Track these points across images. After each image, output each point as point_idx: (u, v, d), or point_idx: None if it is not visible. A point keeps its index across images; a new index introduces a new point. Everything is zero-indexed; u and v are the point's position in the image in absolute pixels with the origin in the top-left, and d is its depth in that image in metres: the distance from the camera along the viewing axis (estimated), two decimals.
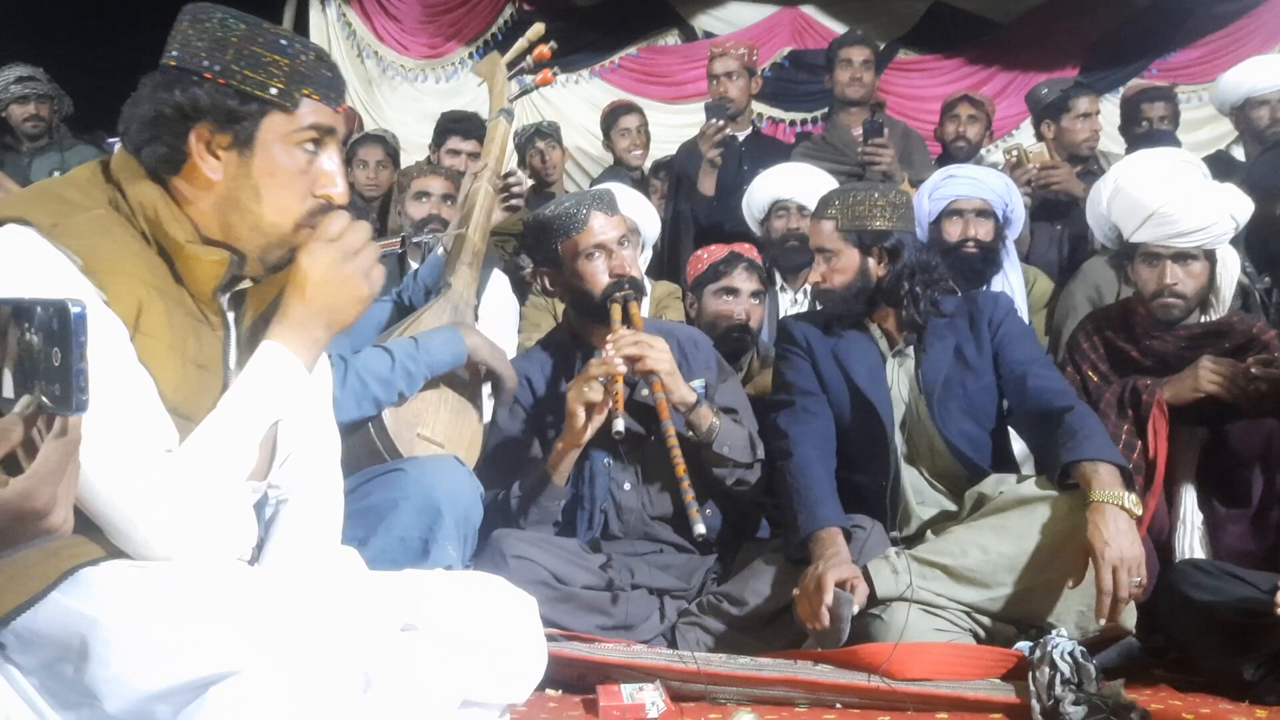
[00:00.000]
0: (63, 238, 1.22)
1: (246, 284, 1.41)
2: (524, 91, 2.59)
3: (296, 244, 1.35)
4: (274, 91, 1.30)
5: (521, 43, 2.61)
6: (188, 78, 1.29)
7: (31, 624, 1.19)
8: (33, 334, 0.87)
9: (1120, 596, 2.00)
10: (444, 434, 2.17)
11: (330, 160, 1.37)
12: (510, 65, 2.55)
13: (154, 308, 1.27)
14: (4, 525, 0.89)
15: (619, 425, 2.14)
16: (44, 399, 0.87)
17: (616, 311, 2.33)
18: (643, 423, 2.40)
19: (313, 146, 1.35)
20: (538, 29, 2.65)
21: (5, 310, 0.89)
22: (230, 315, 1.41)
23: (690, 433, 2.34)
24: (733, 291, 3.01)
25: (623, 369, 2.21)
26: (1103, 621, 2.03)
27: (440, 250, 2.49)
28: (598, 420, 2.25)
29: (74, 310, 0.86)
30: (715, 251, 3.14)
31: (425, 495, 1.91)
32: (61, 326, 0.86)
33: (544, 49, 2.57)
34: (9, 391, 0.89)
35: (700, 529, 2.10)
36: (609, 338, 2.27)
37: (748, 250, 3.13)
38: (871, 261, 2.44)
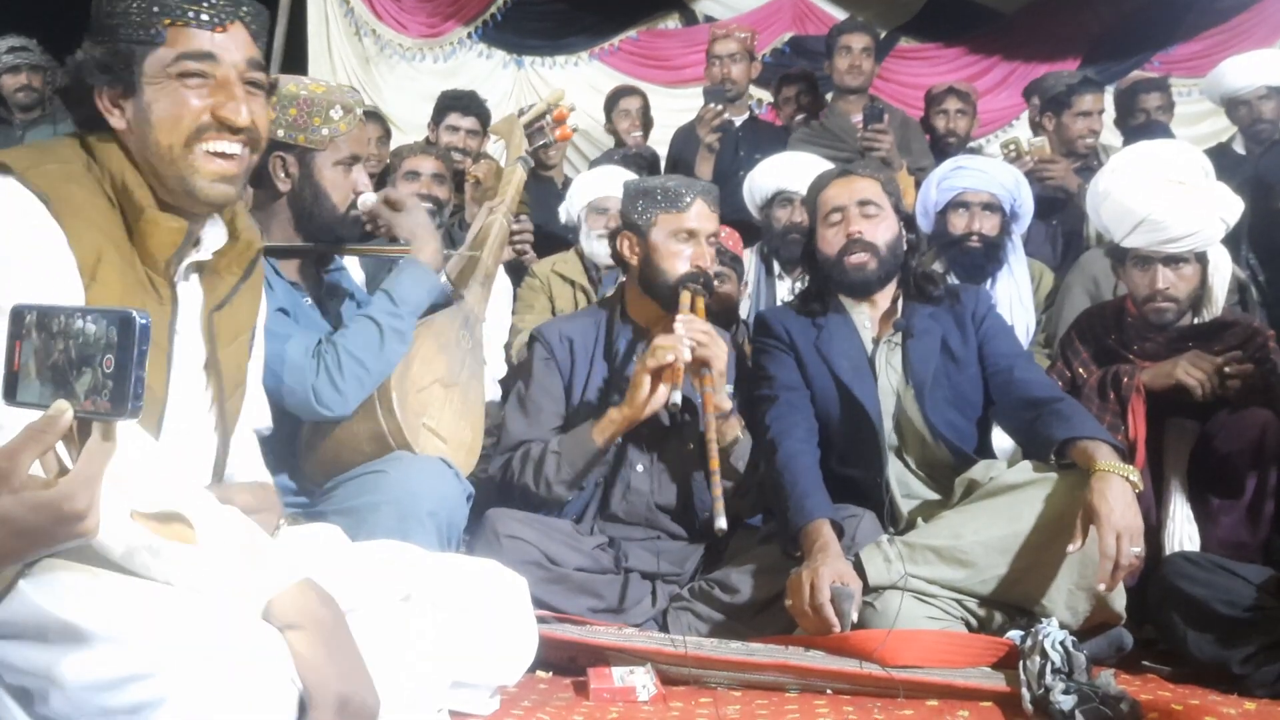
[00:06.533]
0: (35, 179, 1.32)
1: (200, 257, 1.48)
2: (544, 144, 2.67)
3: (193, 168, 1.41)
4: (134, 30, 1.40)
5: (540, 105, 2.68)
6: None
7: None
8: (88, 323, 0.87)
9: (1121, 564, 2.01)
10: (447, 431, 2.15)
11: (225, 85, 1.43)
12: (528, 126, 2.64)
13: (111, 260, 1.35)
14: (45, 526, 0.88)
15: (676, 397, 2.21)
16: (92, 402, 0.86)
17: (686, 299, 2.35)
18: (667, 414, 2.41)
19: (195, 73, 1.42)
20: (558, 93, 2.75)
21: (32, 315, 0.89)
22: (179, 292, 1.46)
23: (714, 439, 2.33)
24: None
25: (687, 356, 2.23)
26: (1102, 587, 2.03)
27: (442, 277, 2.49)
28: (661, 394, 2.26)
29: (139, 321, 0.86)
30: None
31: (407, 499, 1.86)
32: (123, 334, 0.86)
33: (563, 110, 2.65)
34: (28, 395, 0.89)
35: (722, 523, 2.10)
36: (679, 317, 2.29)
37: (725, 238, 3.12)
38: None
